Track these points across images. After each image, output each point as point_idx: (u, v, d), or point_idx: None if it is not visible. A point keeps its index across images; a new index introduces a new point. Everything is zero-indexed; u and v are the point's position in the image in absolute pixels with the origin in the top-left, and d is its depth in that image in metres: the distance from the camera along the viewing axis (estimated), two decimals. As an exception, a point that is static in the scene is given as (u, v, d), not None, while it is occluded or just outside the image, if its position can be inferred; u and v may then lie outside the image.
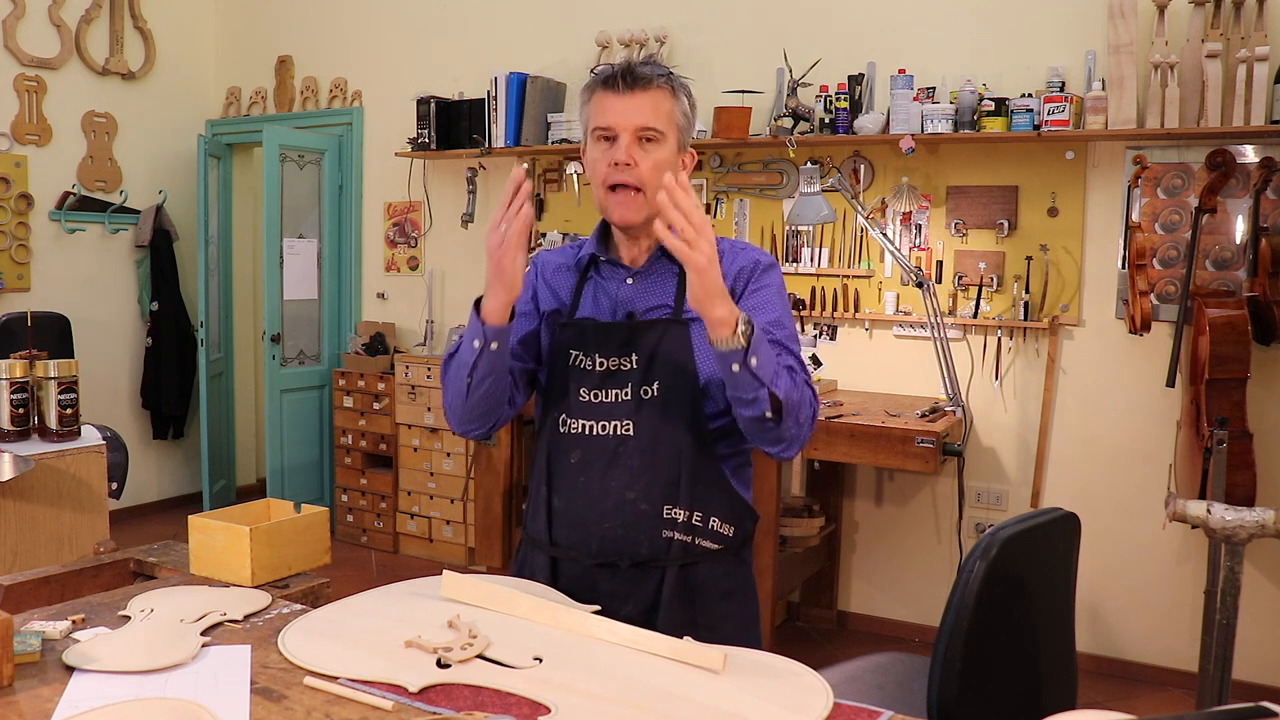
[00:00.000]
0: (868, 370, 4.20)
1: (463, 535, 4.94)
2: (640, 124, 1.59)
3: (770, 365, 1.45)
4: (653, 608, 1.60)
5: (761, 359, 1.43)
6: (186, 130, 5.80)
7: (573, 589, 1.62)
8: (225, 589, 1.62)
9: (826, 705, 1.19)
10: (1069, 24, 3.75)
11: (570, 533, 1.65)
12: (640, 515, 1.60)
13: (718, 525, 1.63)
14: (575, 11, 4.78)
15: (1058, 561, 1.64)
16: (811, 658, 1.42)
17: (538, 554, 1.69)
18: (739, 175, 4.39)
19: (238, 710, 1.17)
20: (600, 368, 1.62)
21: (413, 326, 5.38)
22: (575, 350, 1.65)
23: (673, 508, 1.60)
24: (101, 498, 2.78)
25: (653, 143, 1.60)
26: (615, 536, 1.61)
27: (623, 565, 1.61)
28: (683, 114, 1.64)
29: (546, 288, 1.74)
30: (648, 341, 1.61)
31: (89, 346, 5.31)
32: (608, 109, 1.60)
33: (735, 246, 1.69)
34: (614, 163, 1.59)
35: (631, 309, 1.65)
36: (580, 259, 1.74)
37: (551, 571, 1.67)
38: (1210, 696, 2.72)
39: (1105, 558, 3.79)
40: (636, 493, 1.59)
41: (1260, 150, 3.46)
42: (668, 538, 1.60)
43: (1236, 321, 3.27)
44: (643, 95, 1.59)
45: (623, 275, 1.68)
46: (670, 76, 1.63)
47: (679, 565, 1.61)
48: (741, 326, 1.40)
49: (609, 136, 1.61)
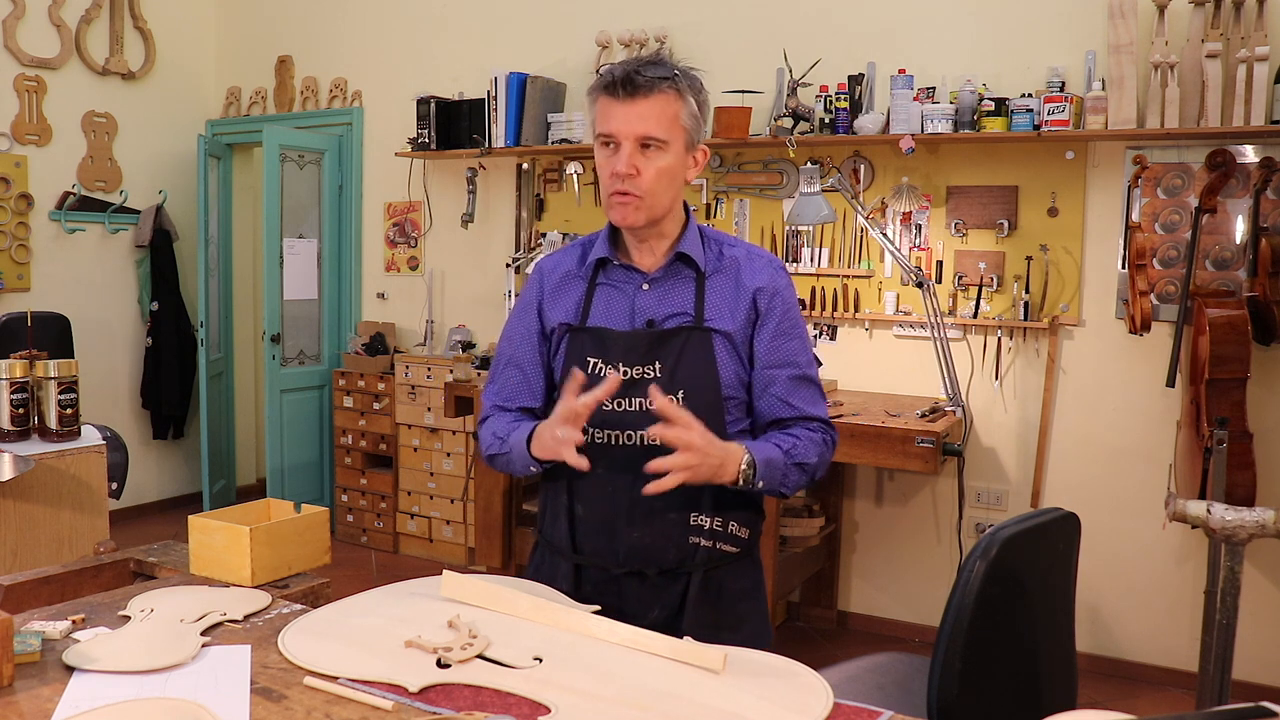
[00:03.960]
0: (868, 370, 4.20)
1: (463, 535, 4.94)
2: (641, 133, 1.57)
3: (778, 477, 1.59)
4: (678, 612, 1.62)
5: (768, 481, 1.57)
6: (186, 130, 5.80)
7: (597, 595, 1.63)
8: (225, 589, 1.62)
9: (826, 705, 1.19)
10: (1069, 24, 3.75)
11: (595, 541, 1.65)
12: (668, 524, 1.62)
13: (736, 529, 1.66)
14: (575, 11, 4.78)
15: (1058, 561, 1.64)
16: (811, 658, 1.42)
17: (559, 560, 1.69)
18: (739, 175, 4.39)
19: (238, 710, 1.17)
20: (624, 376, 1.60)
21: (413, 326, 5.38)
22: (595, 358, 1.63)
23: (699, 515, 1.62)
24: (101, 498, 2.77)
25: (656, 150, 1.58)
26: (643, 545, 1.62)
27: (650, 573, 1.62)
28: (690, 115, 1.61)
29: (552, 302, 1.72)
30: (672, 349, 1.61)
31: (89, 346, 5.31)
32: (610, 115, 1.58)
33: (749, 255, 1.69)
34: (614, 173, 1.58)
35: (650, 316, 1.64)
36: (588, 262, 1.71)
37: (575, 578, 1.67)
38: (1210, 696, 2.71)
39: (1105, 558, 3.79)
40: (664, 502, 1.59)
41: (1260, 150, 3.46)
42: (694, 544, 1.62)
43: (1236, 321, 3.27)
44: (645, 102, 1.56)
45: (639, 281, 1.66)
46: (676, 78, 1.59)
47: (704, 570, 1.63)
48: (744, 476, 1.54)
49: (611, 142, 1.60)
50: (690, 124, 1.61)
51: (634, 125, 1.56)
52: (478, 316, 5.16)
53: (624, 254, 1.70)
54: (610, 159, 1.59)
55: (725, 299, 1.64)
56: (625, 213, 1.60)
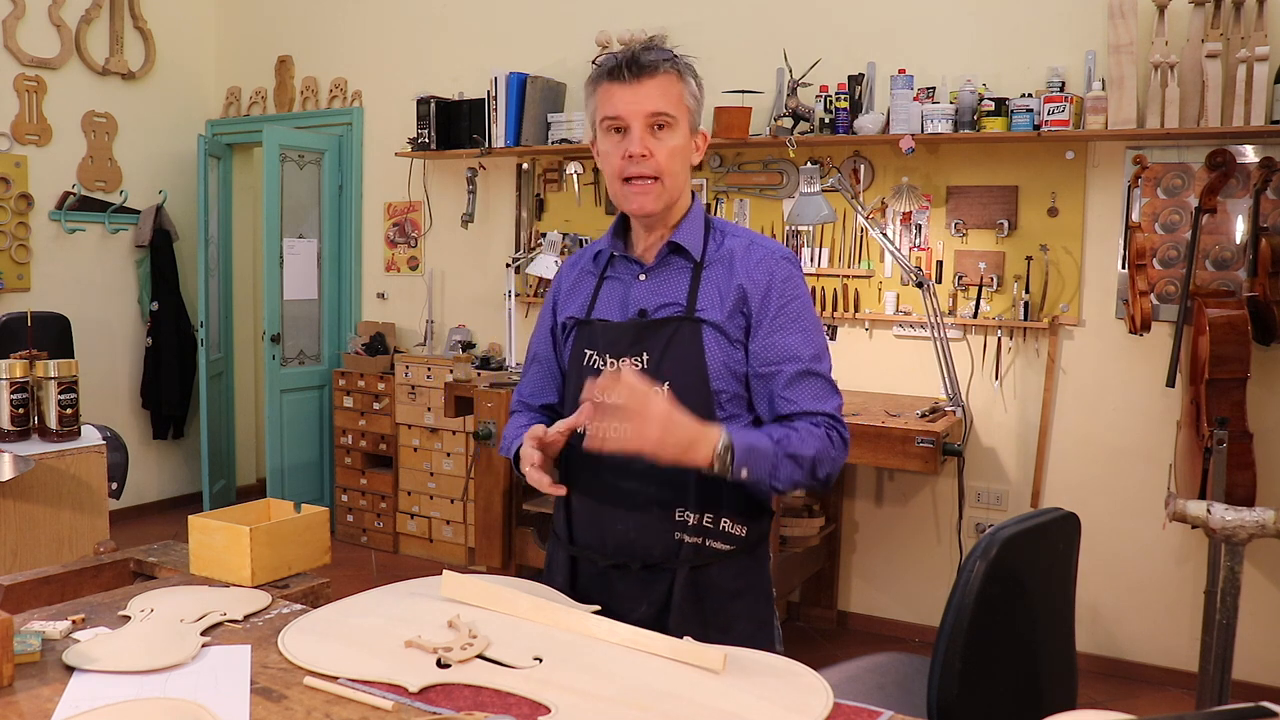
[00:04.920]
0: (867, 370, 4.20)
1: (463, 535, 4.94)
2: (651, 109, 1.55)
3: (766, 467, 1.48)
4: (664, 609, 1.61)
5: (752, 468, 1.47)
6: (186, 130, 5.80)
7: (589, 587, 1.65)
8: (225, 589, 1.62)
9: (826, 705, 1.19)
10: (1069, 24, 3.75)
11: (588, 532, 1.67)
12: (652, 518, 1.60)
13: (729, 526, 1.62)
14: (575, 11, 4.78)
15: (1058, 561, 1.64)
16: (811, 658, 1.41)
17: (559, 550, 1.72)
18: (739, 175, 4.39)
19: (238, 710, 1.17)
20: (611, 367, 1.61)
21: (413, 326, 5.38)
22: (589, 350, 1.65)
23: (684, 510, 1.60)
24: (101, 498, 2.77)
25: (666, 129, 1.57)
26: (628, 539, 1.62)
27: (634, 567, 1.62)
28: (692, 96, 1.61)
29: (566, 298, 1.75)
30: (658, 340, 1.59)
31: (89, 346, 5.31)
32: (616, 99, 1.57)
33: (749, 245, 1.64)
34: (628, 155, 1.56)
35: (643, 306, 1.64)
36: (600, 257, 1.73)
37: (571, 569, 1.69)
38: (1210, 696, 2.71)
39: (1105, 558, 3.79)
40: (648, 495, 1.59)
41: (1260, 150, 3.46)
42: (678, 539, 1.61)
43: (1236, 321, 3.27)
44: (650, 82, 1.56)
45: (635, 272, 1.67)
46: (676, 60, 1.60)
47: (689, 567, 1.61)
48: (719, 461, 1.44)
49: (620, 127, 1.58)
50: (693, 105, 1.62)
51: (643, 104, 1.55)
52: (478, 316, 5.16)
53: (630, 246, 1.70)
54: (619, 144, 1.58)
55: (717, 290, 1.61)
56: (644, 200, 1.59)
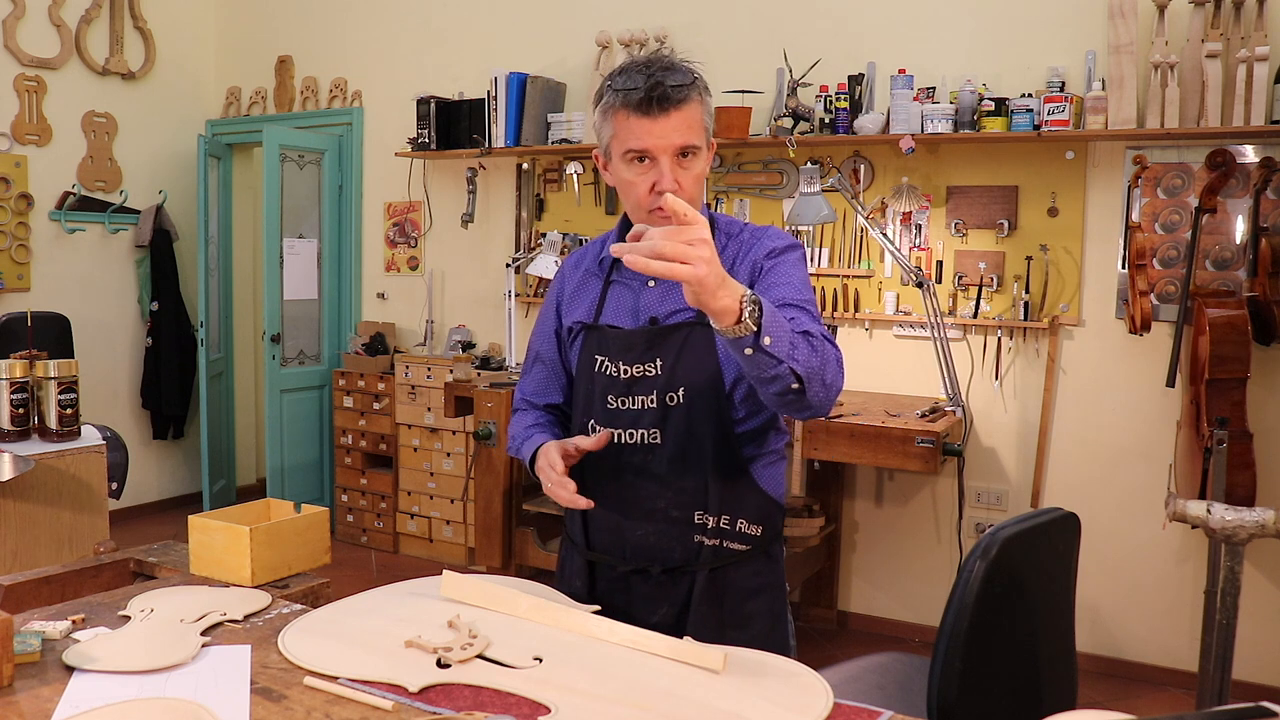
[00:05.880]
0: (868, 370, 4.20)
1: (463, 535, 4.94)
2: (680, 144, 1.52)
3: (785, 339, 1.32)
4: (684, 610, 1.62)
5: (775, 336, 1.30)
6: (186, 130, 5.80)
7: (608, 591, 1.66)
8: (225, 589, 1.62)
9: (826, 705, 1.19)
10: (1069, 24, 3.75)
11: (604, 538, 1.67)
12: (671, 522, 1.61)
13: (745, 526, 1.63)
14: (575, 11, 4.78)
15: (1058, 561, 1.64)
16: (811, 658, 1.42)
17: (575, 555, 1.72)
18: (739, 175, 4.39)
19: (238, 710, 1.17)
20: (625, 375, 1.61)
21: (413, 326, 5.38)
22: (600, 356, 1.64)
23: (703, 514, 1.61)
24: (101, 498, 2.77)
25: (692, 156, 1.54)
26: (648, 544, 1.62)
27: (654, 571, 1.63)
28: (708, 113, 1.59)
29: (571, 301, 1.74)
30: (671, 346, 1.59)
31: (89, 346, 5.31)
32: (642, 133, 1.51)
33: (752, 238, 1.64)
34: (659, 189, 1.51)
35: (654, 313, 1.63)
36: (605, 260, 1.71)
37: (589, 575, 1.70)
38: (1210, 696, 2.71)
39: (1105, 558, 3.79)
40: (667, 500, 1.60)
41: (1260, 150, 3.46)
42: (698, 542, 1.62)
43: (1236, 321, 3.27)
44: (677, 115, 1.51)
45: (644, 278, 1.65)
46: (697, 82, 1.55)
47: (709, 569, 1.62)
48: (748, 308, 1.26)
49: (645, 158, 1.53)
50: (709, 122, 1.60)
51: (671, 138, 1.51)
52: (478, 316, 5.16)
53: None
54: (643, 175, 1.53)
55: None
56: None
